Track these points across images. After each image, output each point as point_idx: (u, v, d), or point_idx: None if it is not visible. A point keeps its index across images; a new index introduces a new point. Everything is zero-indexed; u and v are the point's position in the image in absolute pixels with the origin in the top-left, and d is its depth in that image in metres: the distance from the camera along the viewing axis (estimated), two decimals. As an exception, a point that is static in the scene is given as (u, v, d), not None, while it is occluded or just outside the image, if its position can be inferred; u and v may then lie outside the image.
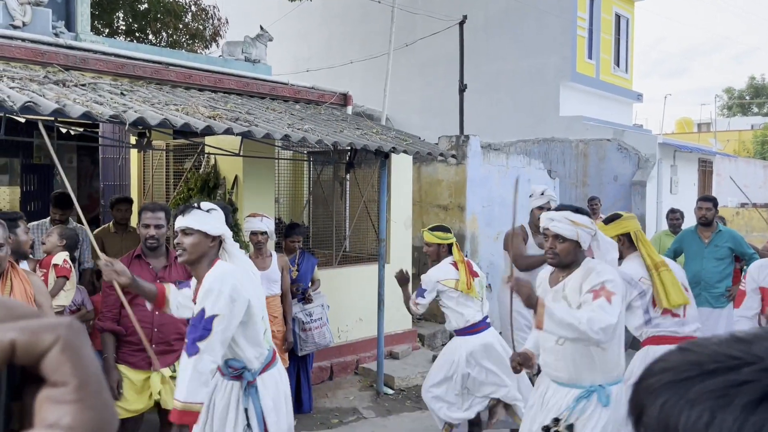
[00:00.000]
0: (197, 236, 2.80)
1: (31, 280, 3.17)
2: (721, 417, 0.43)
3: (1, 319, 0.47)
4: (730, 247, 5.90)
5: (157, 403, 3.74)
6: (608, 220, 4.06)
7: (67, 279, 4.12)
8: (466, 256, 8.27)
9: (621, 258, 4.02)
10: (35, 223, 5.46)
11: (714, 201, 6.08)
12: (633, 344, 6.72)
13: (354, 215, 7.46)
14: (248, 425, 2.91)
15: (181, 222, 2.82)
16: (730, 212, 14.15)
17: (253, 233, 4.96)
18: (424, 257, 8.89)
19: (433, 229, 4.63)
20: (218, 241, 2.88)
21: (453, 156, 6.94)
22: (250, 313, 2.83)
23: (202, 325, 2.67)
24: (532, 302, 2.79)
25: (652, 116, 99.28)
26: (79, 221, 7.61)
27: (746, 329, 0.50)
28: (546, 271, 3.27)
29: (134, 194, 7.30)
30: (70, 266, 4.23)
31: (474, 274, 4.51)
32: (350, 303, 6.88)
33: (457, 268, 4.46)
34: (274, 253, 5.17)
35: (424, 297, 4.41)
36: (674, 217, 7.78)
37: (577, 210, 3.05)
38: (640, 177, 11.87)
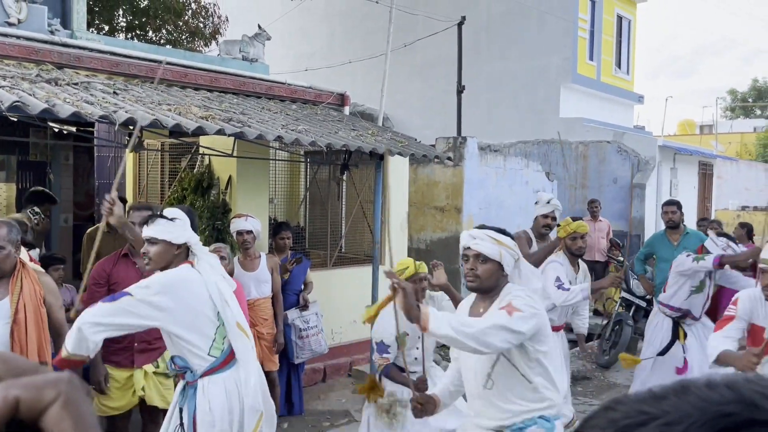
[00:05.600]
0: (162, 245, 2.85)
1: (42, 281, 3.20)
2: None
3: (2, 376, 0.49)
4: None
5: (142, 400, 3.82)
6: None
7: None
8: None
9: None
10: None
11: (678, 204, 6.25)
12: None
13: (350, 216, 7.42)
14: (181, 424, 2.92)
15: (146, 232, 2.86)
16: (731, 215, 14.10)
17: (239, 233, 4.98)
18: (421, 258, 8.85)
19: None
20: (184, 247, 2.92)
21: (449, 158, 6.91)
22: (197, 316, 2.83)
23: (114, 295, 2.75)
24: (413, 315, 2.38)
25: (657, 118, 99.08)
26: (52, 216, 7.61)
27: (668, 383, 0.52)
28: (467, 301, 2.94)
29: (129, 193, 7.27)
30: None
31: None
32: (344, 305, 6.84)
33: None
34: (262, 254, 5.15)
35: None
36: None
37: (501, 231, 2.80)
38: (639, 179, 11.82)
